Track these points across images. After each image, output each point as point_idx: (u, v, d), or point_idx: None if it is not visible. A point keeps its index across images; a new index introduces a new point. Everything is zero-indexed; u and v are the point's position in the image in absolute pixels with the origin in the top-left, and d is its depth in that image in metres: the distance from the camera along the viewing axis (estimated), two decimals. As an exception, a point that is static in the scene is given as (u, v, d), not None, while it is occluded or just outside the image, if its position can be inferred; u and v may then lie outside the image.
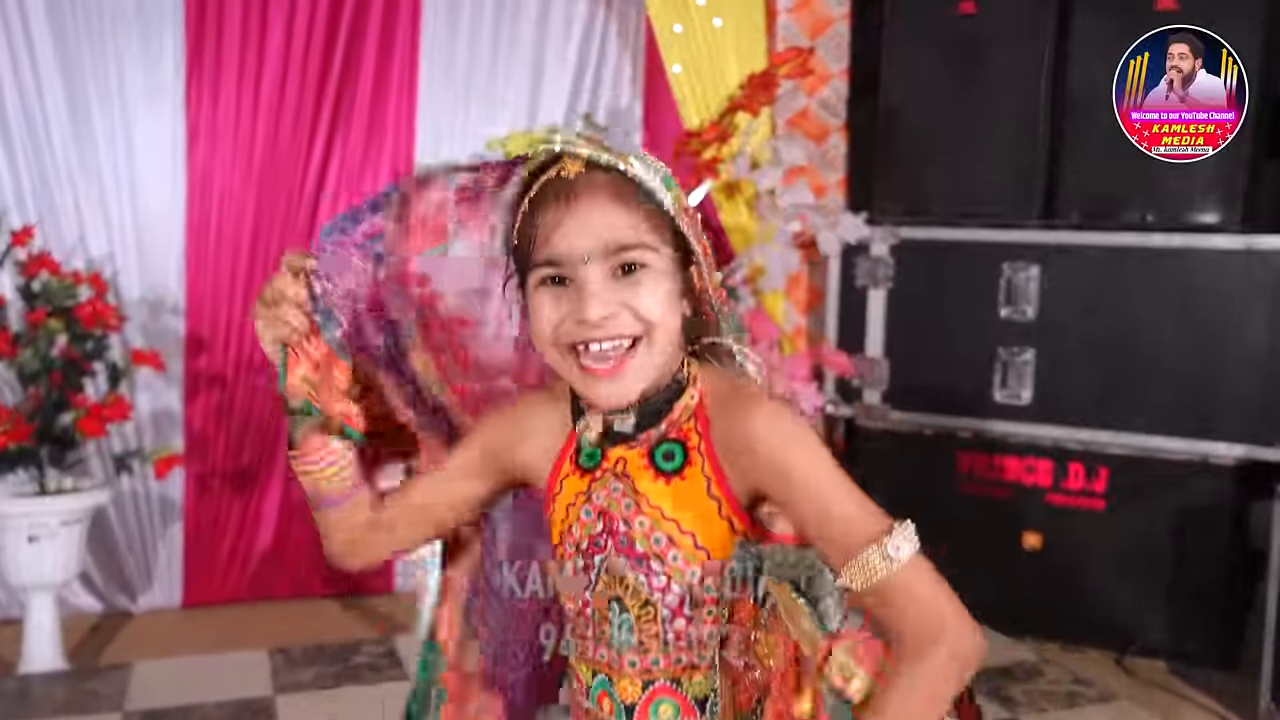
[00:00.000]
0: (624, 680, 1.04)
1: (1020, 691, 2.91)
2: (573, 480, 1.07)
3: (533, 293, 1.00)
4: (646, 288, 0.98)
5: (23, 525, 2.88)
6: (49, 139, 3.38)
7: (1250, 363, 3.16)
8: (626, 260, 0.98)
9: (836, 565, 0.97)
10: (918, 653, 0.93)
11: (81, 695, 2.74)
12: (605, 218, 0.97)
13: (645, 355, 0.99)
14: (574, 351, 0.99)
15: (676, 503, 1.01)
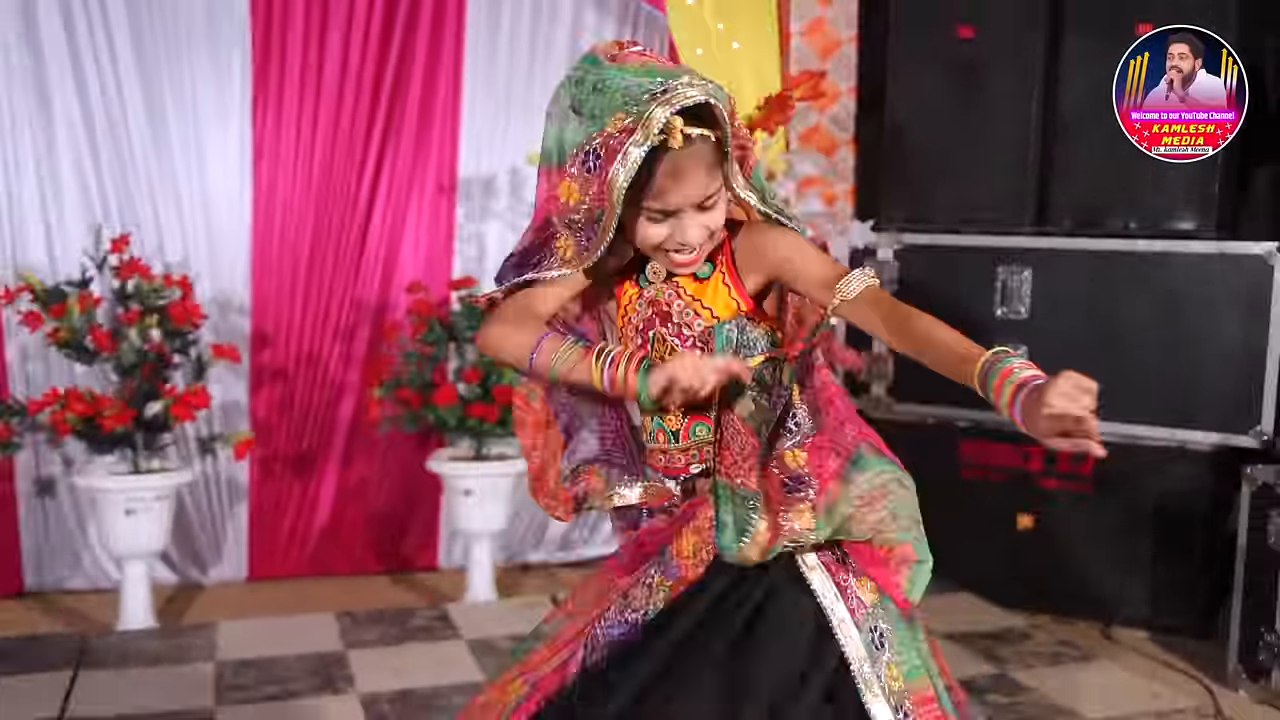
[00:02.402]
0: (669, 415, 1.52)
1: (1010, 652, 3.22)
2: (632, 292, 1.56)
3: (644, 218, 1.43)
4: (715, 212, 1.45)
5: (120, 500, 3.24)
6: (131, 156, 3.72)
7: (1224, 358, 3.46)
8: (706, 204, 1.43)
9: (829, 293, 1.43)
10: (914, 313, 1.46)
11: (176, 649, 3.10)
12: (697, 185, 1.40)
13: (708, 243, 1.47)
14: (667, 254, 1.46)
15: (701, 292, 1.49)
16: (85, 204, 3.71)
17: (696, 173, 1.38)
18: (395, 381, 3.57)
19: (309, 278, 3.90)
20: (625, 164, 1.33)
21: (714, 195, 1.42)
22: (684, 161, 1.37)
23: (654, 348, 1.51)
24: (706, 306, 1.49)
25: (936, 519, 4.15)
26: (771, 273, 1.49)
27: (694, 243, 1.43)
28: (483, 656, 3.09)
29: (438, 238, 3.99)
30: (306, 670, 2.96)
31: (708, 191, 1.40)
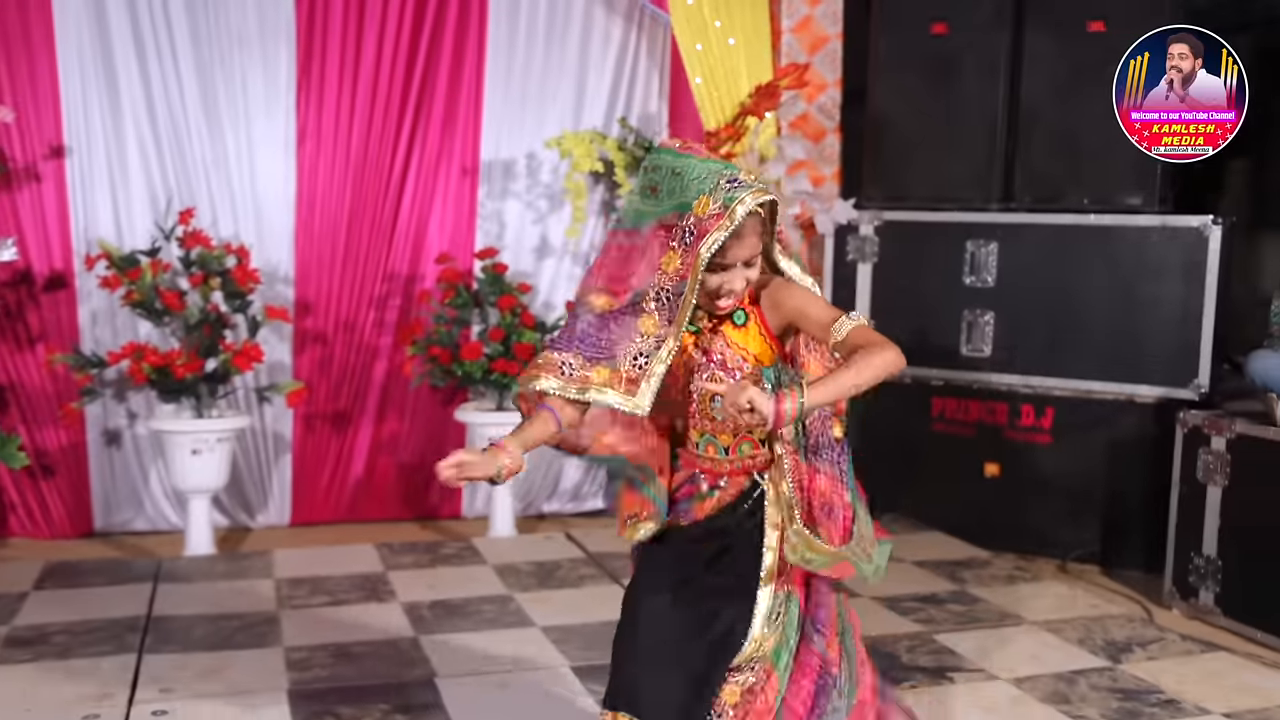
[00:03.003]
0: (722, 435, 1.90)
1: (970, 575, 3.64)
2: (687, 339, 1.90)
3: (708, 270, 1.80)
4: (754, 270, 1.85)
5: (187, 441, 3.67)
6: (189, 141, 4.13)
7: (1166, 320, 3.88)
8: (750, 260, 1.84)
9: (829, 332, 1.78)
10: (874, 348, 1.76)
11: (237, 569, 3.53)
12: (750, 247, 1.82)
13: (745, 289, 1.86)
14: (715, 299, 1.85)
15: (742, 338, 1.87)
16: (148, 183, 4.12)
17: (751, 238, 1.81)
18: (427, 340, 3.99)
19: (347, 250, 4.31)
20: (709, 245, 1.76)
21: (756, 256, 1.85)
22: (745, 230, 1.79)
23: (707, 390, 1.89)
24: (747, 349, 1.86)
25: (913, 468, 4.63)
26: (787, 319, 1.87)
27: (739, 290, 1.85)
28: (506, 576, 3.52)
29: (462, 214, 4.41)
30: (353, 585, 3.39)
31: (754, 253, 1.84)
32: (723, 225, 1.75)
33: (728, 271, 1.82)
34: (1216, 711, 2.61)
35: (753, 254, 1.83)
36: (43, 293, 4.02)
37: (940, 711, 2.54)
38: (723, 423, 1.86)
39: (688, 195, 1.78)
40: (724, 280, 1.83)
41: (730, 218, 1.74)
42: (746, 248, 1.81)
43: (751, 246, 1.82)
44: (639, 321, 1.84)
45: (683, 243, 1.79)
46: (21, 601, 3.16)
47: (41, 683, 2.62)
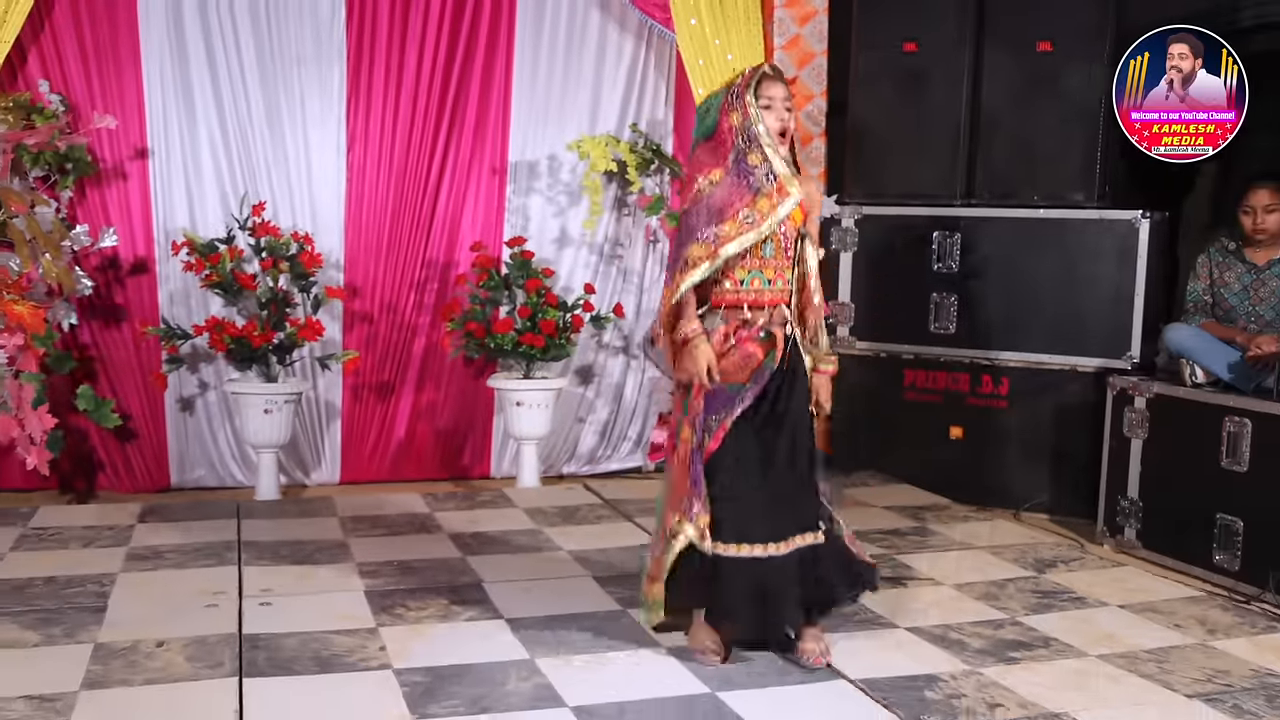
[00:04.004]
0: (767, 269, 2.72)
1: (930, 515, 4.23)
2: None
3: (758, 113, 2.67)
4: (794, 112, 2.69)
5: (259, 402, 4.28)
6: (254, 144, 4.72)
7: (1104, 300, 4.46)
8: (788, 103, 2.65)
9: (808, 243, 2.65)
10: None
11: (305, 509, 4.14)
12: (781, 87, 2.70)
13: (788, 137, 2.68)
14: (777, 133, 2.68)
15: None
16: (218, 181, 4.71)
17: (777, 83, 2.70)
18: (464, 317, 4.59)
19: (390, 240, 4.89)
20: (751, 85, 2.69)
21: (789, 98, 2.68)
22: (773, 77, 2.71)
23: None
24: (792, 215, 2.67)
25: (888, 431, 5.26)
26: (808, 206, 2.75)
27: (789, 121, 2.68)
28: (534, 516, 4.12)
29: (492, 208, 5.00)
30: (406, 522, 3.99)
31: (785, 93, 2.69)
32: (752, 76, 2.66)
33: (773, 108, 2.65)
34: (1113, 604, 3.21)
35: (785, 97, 2.66)
36: (128, 276, 4.62)
37: (895, 605, 3.13)
38: (771, 259, 2.69)
39: (724, 91, 2.73)
40: (776, 115, 2.65)
41: (754, 70, 2.66)
42: (778, 89, 2.66)
43: (781, 90, 2.66)
44: (748, 179, 2.63)
45: (738, 101, 2.66)
46: (131, 531, 3.77)
47: (168, 583, 3.23)
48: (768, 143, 2.63)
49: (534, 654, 2.73)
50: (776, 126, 2.65)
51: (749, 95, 2.65)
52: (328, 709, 2.39)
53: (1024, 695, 2.53)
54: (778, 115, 2.65)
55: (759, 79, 2.67)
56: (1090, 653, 2.82)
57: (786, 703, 2.48)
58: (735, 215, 2.61)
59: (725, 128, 2.67)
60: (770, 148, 2.63)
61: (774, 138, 2.65)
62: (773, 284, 2.70)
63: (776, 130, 2.65)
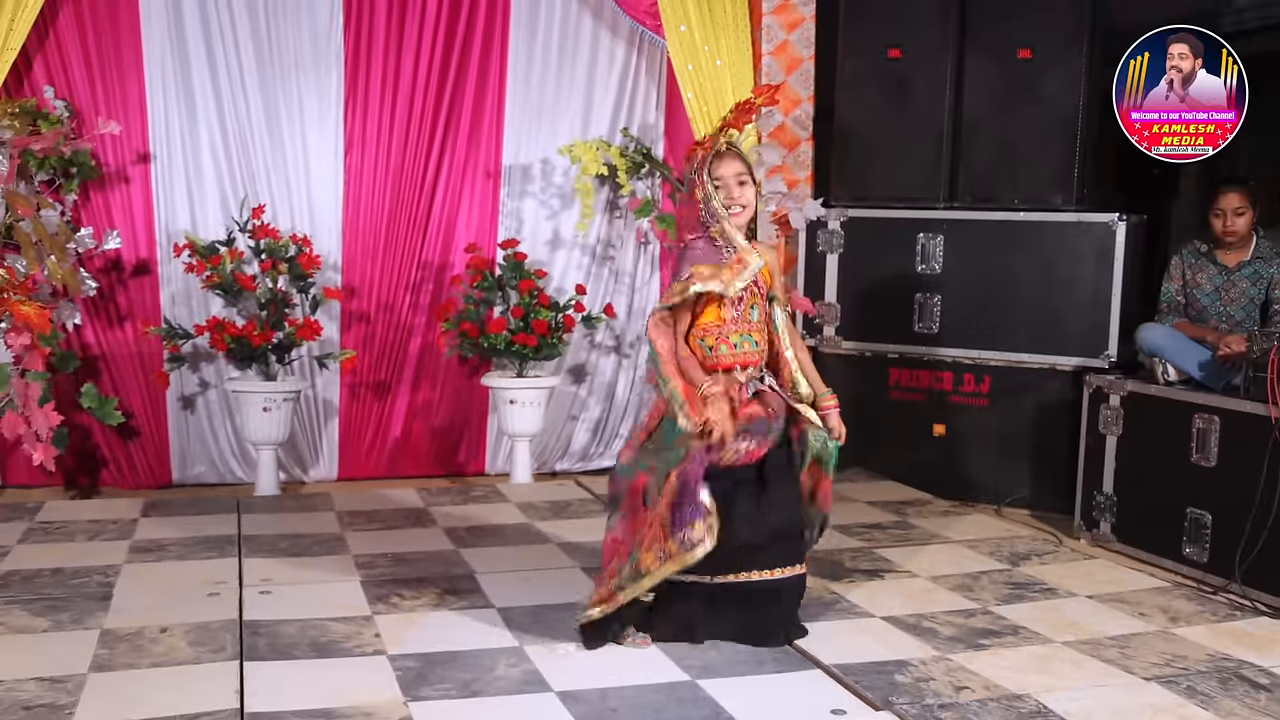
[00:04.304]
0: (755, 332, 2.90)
1: (912, 510, 4.34)
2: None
3: (712, 190, 2.77)
4: (748, 189, 2.84)
5: (258, 400, 4.39)
6: (253, 147, 4.84)
7: (1082, 301, 4.57)
8: (742, 179, 2.78)
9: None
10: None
11: (303, 504, 4.26)
12: (735, 164, 2.83)
13: (747, 212, 2.81)
14: (728, 212, 2.76)
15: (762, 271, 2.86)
16: (219, 184, 4.83)
17: (731, 161, 2.83)
18: (459, 317, 4.71)
19: (387, 242, 5.01)
20: (703, 156, 2.79)
21: (744, 175, 2.81)
22: (728, 153, 2.84)
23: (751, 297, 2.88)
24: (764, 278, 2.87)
25: (872, 428, 5.38)
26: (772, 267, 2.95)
27: (738, 198, 2.80)
28: (526, 510, 4.23)
29: (486, 211, 5.12)
30: (401, 516, 4.11)
31: (740, 171, 2.81)
32: (705, 156, 2.79)
33: (726, 187, 2.78)
34: (1082, 594, 3.33)
35: (738, 173, 2.79)
36: (130, 277, 4.73)
37: (872, 596, 3.25)
38: (756, 323, 2.87)
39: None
40: (726, 195, 2.78)
41: (711, 144, 2.79)
42: (730, 168, 2.78)
43: (734, 168, 2.79)
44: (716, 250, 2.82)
45: (697, 176, 2.81)
46: (134, 524, 3.88)
47: (171, 573, 3.34)
48: (723, 216, 2.79)
49: (523, 641, 2.85)
50: (726, 204, 2.81)
51: (704, 175, 2.79)
52: (324, 691, 2.50)
53: (989, 678, 2.65)
54: (727, 195, 2.80)
55: (712, 157, 2.79)
56: (1056, 639, 2.94)
57: (761, 688, 2.60)
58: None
59: (695, 197, 2.84)
60: (725, 222, 2.80)
61: (727, 215, 2.80)
62: (759, 347, 2.89)
63: (725, 208, 2.80)
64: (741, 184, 2.80)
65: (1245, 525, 3.43)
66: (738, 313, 2.84)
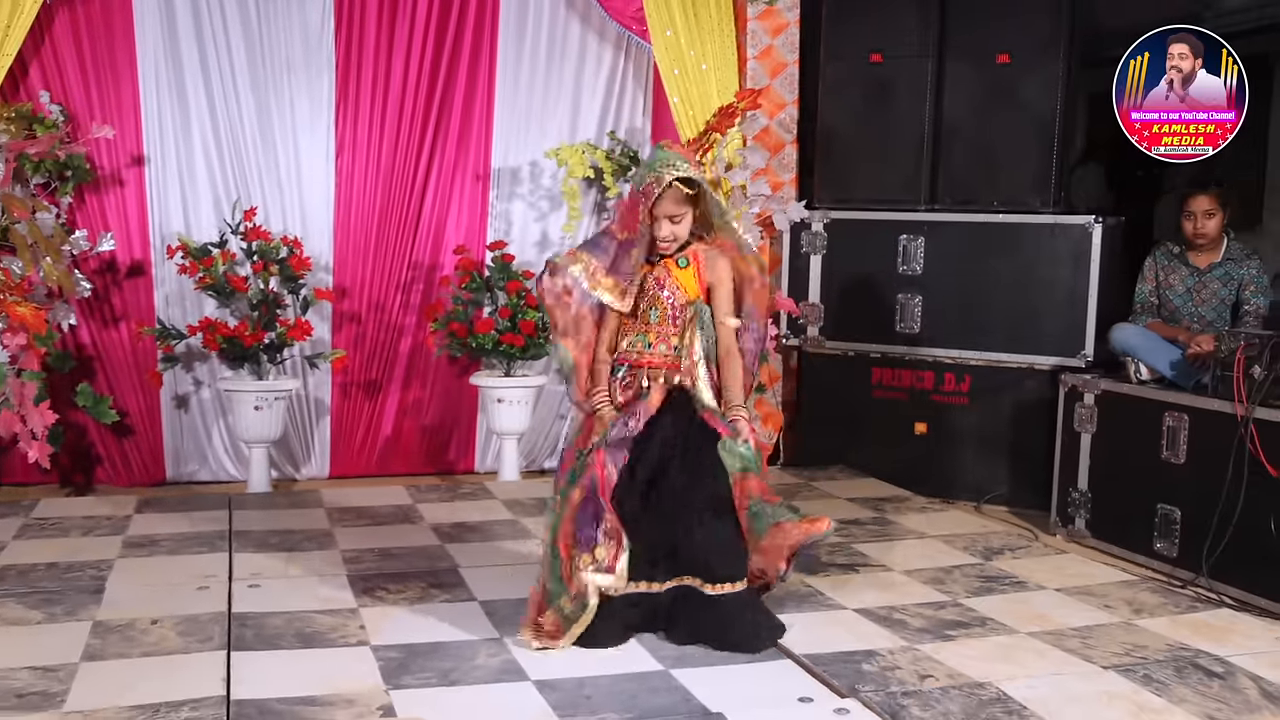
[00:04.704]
0: (650, 333, 2.92)
1: (890, 507, 4.42)
2: (647, 270, 2.95)
3: (651, 223, 2.82)
4: (681, 225, 2.87)
5: (250, 399, 4.48)
6: (246, 150, 4.92)
7: (1059, 302, 4.65)
8: (676, 219, 2.83)
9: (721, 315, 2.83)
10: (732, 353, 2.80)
11: (294, 500, 4.34)
12: (673, 205, 2.85)
13: (674, 245, 2.87)
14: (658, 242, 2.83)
15: (682, 277, 2.88)
16: (212, 186, 4.91)
17: (669, 204, 2.86)
18: (447, 318, 4.79)
19: (378, 244, 5.08)
20: (647, 204, 2.82)
21: (680, 216, 2.86)
22: (668, 192, 2.84)
23: (650, 301, 2.93)
24: (681, 285, 2.91)
25: (855, 426, 5.45)
26: (708, 282, 2.95)
27: (667, 237, 2.89)
28: (512, 507, 4.31)
29: (475, 213, 5.20)
30: (389, 513, 4.19)
31: (676, 213, 2.87)
32: (654, 191, 2.80)
33: (659, 222, 2.85)
34: (1050, 587, 3.41)
35: (675, 213, 2.84)
36: (125, 279, 4.81)
37: (845, 589, 3.33)
38: (655, 325, 2.93)
39: (649, 172, 2.85)
40: (658, 230, 2.86)
41: (658, 185, 2.80)
42: (666, 207, 2.84)
43: (670, 209, 2.83)
44: (633, 251, 2.88)
45: (643, 201, 2.84)
46: (128, 521, 3.97)
47: (163, 568, 3.43)
48: (642, 247, 2.88)
49: (503, 633, 2.93)
50: (661, 245, 2.90)
51: (644, 210, 2.83)
52: (308, 680, 2.58)
53: (954, 667, 2.73)
54: (661, 236, 2.88)
55: (659, 196, 2.82)
56: (1021, 630, 3.02)
57: (732, 677, 2.68)
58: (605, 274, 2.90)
59: (636, 215, 2.86)
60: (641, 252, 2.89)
61: (655, 247, 2.90)
62: (653, 348, 2.93)
63: (659, 241, 2.89)
64: (675, 222, 2.86)
65: (1212, 520, 3.51)
66: (639, 313, 2.94)
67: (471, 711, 2.47)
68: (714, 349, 2.93)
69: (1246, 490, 3.42)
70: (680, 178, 2.81)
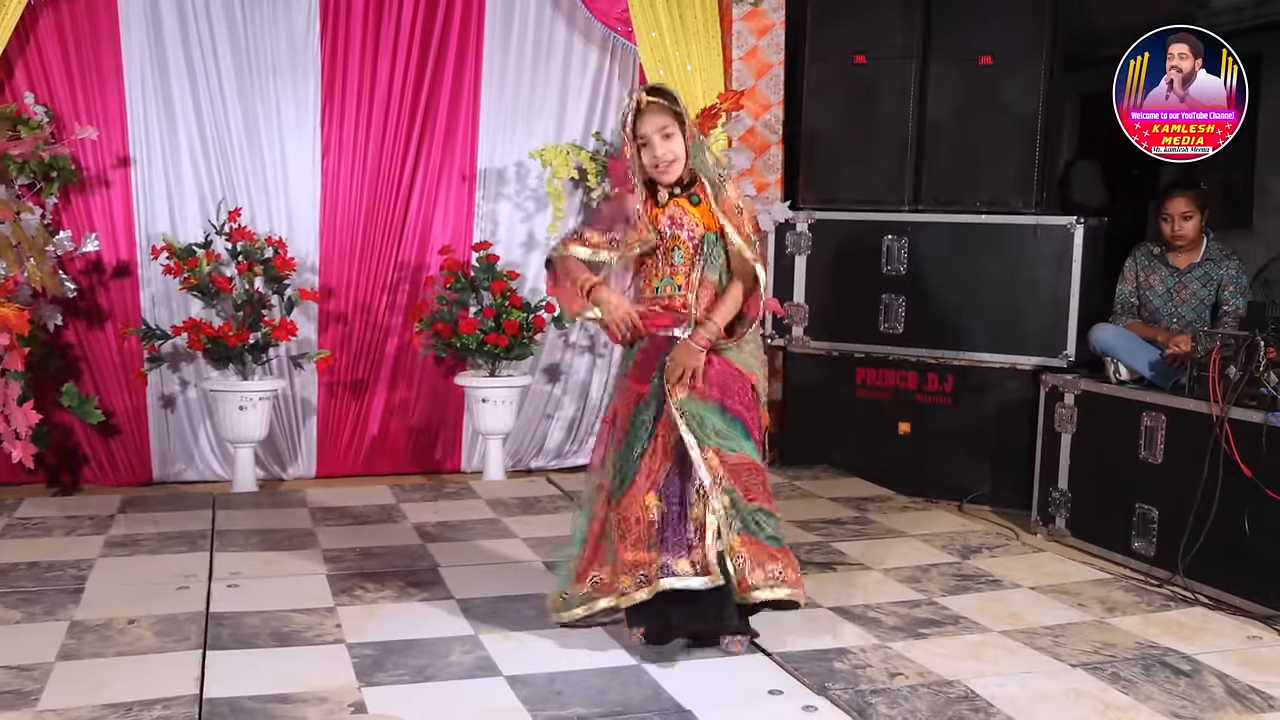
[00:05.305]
0: (678, 276, 2.81)
1: (874, 507, 4.44)
2: (656, 210, 2.84)
3: (636, 151, 2.73)
4: (674, 141, 2.75)
5: (235, 399, 4.49)
6: (232, 153, 4.93)
7: (1041, 302, 4.67)
8: (666, 132, 2.72)
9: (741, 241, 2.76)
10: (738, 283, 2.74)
11: (278, 500, 4.36)
12: (657, 118, 2.71)
13: (677, 165, 2.76)
14: (655, 169, 2.73)
15: (695, 214, 2.78)
16: (198, 187, 4.92)
17: (654, 117, 2.72)
18: (432, 318, 4.81)
19: (364, 244, 5.09)
20: (623, 118, 2.75)
21: (668, 127, 2.70)
22: (648, 108, 2.73)
23: (671, 241, 2.81)
24: (699, 221, 2.78)
25: (839, 426, 5.48)
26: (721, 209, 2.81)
27: (664, 156, 2.72)
28: (495, 507, 4.33)
29: (461, 214, 5.21)
30: (373, 512, 4.21)
31: (663, 126, 2.70)
32: (629, 106, 2.74)
33: (649, 145, 2.73)
34: (1025, 586, 3.43)
35: (662, 127, 2.72)
36: (111, 279, 4.83)
37: (822, 587, 3.34)
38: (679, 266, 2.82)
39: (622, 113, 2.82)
40: (652, 152, 2.72)
41: (633, 100, 2.74)
42: (652, 123, 2.71)
43: (656, 123, 2.71)
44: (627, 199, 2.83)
45: (623, 133, 2.77)
46: (111, 521, 3.98)
47: (143, 567, 3.45)
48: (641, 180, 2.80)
49: (478, 630, 2.95)
50: (650, 163, 2.75)
51: (627, 133, 2.75)
52: (282, 678, 2.60)
53: (924, 665, 2.75)
54: (650, 153, 2.73)
55: (634, 114, 2.73)
56: (994, 629, 3.04)
57: (703, 672, 2.70)
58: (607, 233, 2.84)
59: (624, 154, 2.83)
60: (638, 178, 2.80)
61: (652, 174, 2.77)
62: (682, 290, 2.80)
63: (651, 166, 2.75)
64: (666, 137, 2.69)
65: (1188, 520, 3.53)
66: (661, 257, 2.82)
67: (443, 707, 2.49)
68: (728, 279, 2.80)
69: (1222, 490, 3.44)
70: (650, 88, 2.76)
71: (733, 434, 2.74)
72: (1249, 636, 3.07)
